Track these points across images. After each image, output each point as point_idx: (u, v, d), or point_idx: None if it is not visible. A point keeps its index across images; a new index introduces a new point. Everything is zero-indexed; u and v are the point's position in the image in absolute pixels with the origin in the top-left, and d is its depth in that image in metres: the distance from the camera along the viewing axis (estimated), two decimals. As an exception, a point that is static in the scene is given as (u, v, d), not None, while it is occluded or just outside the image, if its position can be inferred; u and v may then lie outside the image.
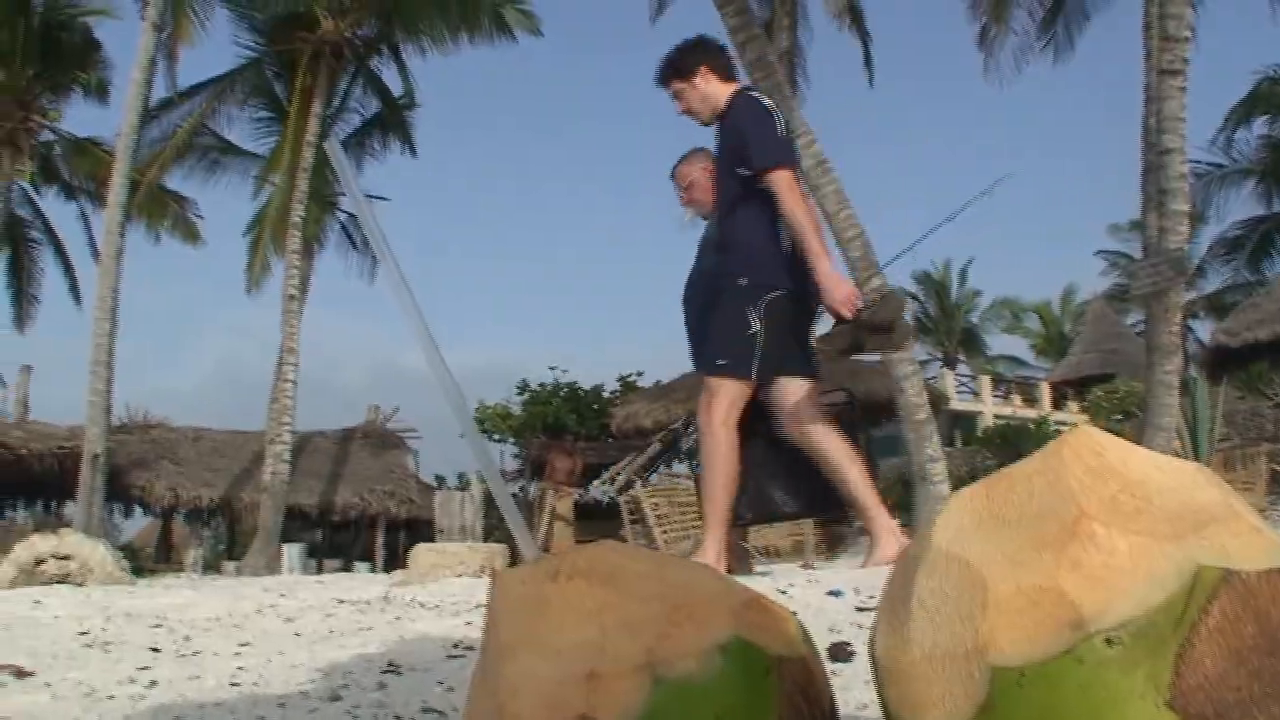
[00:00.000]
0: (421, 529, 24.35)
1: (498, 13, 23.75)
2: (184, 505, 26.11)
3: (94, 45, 25.61)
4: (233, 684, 2.48)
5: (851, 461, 4.54)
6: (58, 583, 11.81)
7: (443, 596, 5.44)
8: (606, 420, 26.90)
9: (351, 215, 29.64)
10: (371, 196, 29.49)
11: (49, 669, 2.91)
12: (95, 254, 24.29)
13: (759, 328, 4.54)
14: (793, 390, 4.66)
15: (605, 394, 28.90)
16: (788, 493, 4.97)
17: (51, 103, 25.44)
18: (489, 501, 21.01)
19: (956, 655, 0.70)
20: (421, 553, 12.04)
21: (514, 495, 28.66)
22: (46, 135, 25.91)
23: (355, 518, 27.75)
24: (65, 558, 12.39)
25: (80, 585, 11.15)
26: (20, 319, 28.39)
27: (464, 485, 28.18)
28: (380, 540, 26.82)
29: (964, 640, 0.70)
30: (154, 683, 2.58)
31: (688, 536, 13.42)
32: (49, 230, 28.59)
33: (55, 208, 28.38)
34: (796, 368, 4.73)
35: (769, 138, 4.68)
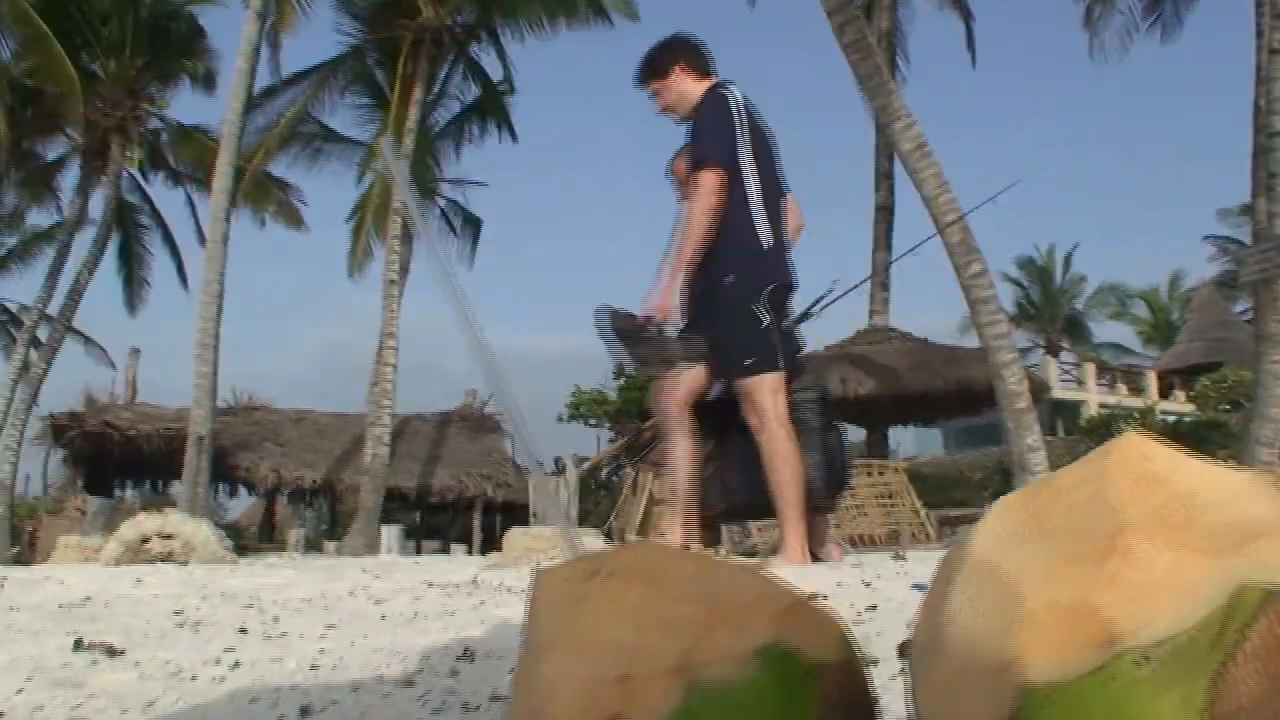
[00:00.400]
0: (518, 512, 24.63)
1: (594, -3, 23.83)
2: (287, 486, 26.69)
3: (200, 34, 26.22)
4: (313, 667, 2.52)
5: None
6: (162, 561, 12.16)
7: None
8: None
9: (453, 201, 30.00)
10: (469, 181, 29.83)
11: (139, 647, 2.99)
12: (202, 239, 24.92)
13: (769, 319, 4.60)
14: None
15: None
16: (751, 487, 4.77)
17: (159, 91, 26.13)
18: (584, 487, 21.14)
19: (987, 669, 0.68)
20: (515, 536, 12.13)
21: (613, 478, 28.78)
22: (154, 123, 26.65)
23: (453, 500, 28.10)
24: (169, 536, 12.75)
25: (184, 564, 11.45)
26: (131, 302, 29.27)
27: (560, 470, 28.39)
28: (477, 523, 27.13)
29: (995, 654, 0.68)
30: (237, 664, 2.64)
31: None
32: (157, 216, 29.42)
33: (162, 194, 29.18)
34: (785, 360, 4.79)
35: (708, 133, 4.74)
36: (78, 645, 2.94)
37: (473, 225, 30.23)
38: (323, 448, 27.46)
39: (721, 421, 4.84)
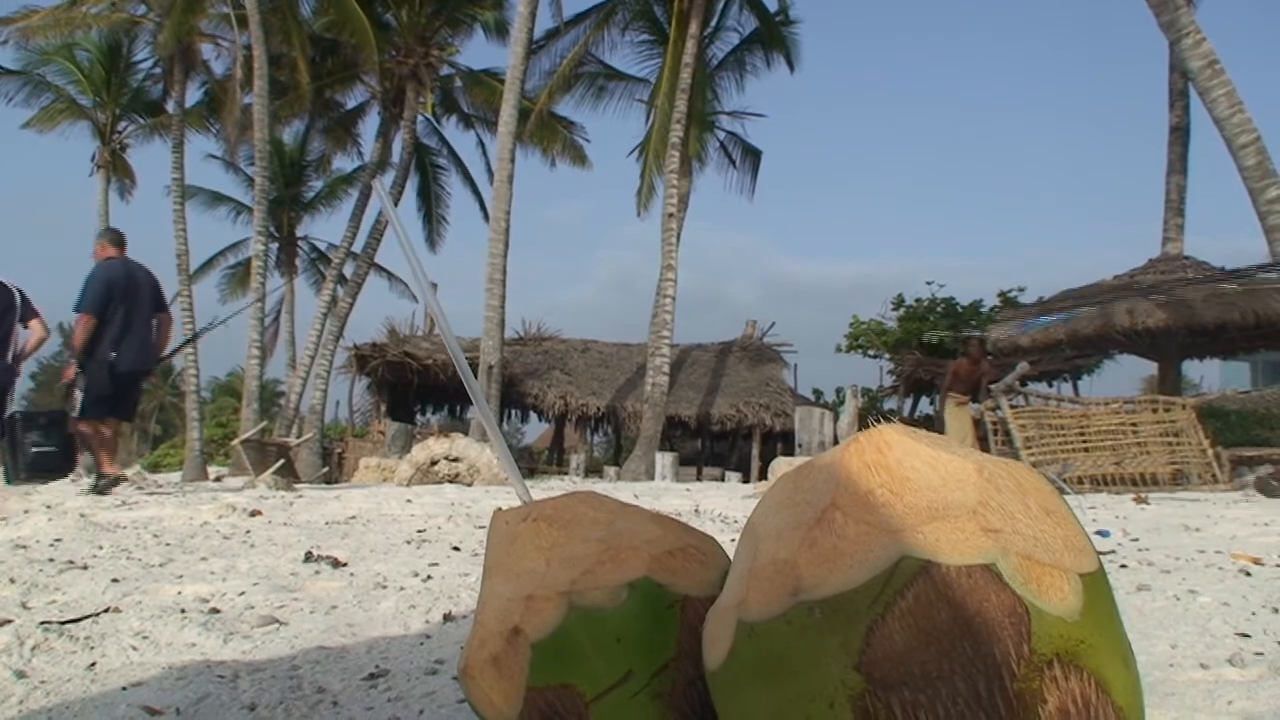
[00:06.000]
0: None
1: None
2: (573, 413, 27.79)
3: (488, -20, 27.22)
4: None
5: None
6: (449, 481, 13.01)
7: (763, 512, 5.68)
8: (984, 337, 26.14)
9: (732, 133, 30.17)
10: (748, 114, 29.86)
11: (362, 561, 3.39)
12: (493, 179, 26.13)
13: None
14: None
15: (983, 310, 28.05)
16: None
17: (450, 38, 27.34)
18: (861, 419, 21.05)
19: (730, 608, 0.85)
20: (780, 466, 12.37)
21: (892, 411, 28.57)
22: (447, 69, 27.97)
23: (732, 429, 28.54)
24: (456, 460, 13.62)
25: (468, 485, 12.23)
26: (431, 239, 31.01)
27: (839, 400, 28.36)
28: (755, 450, 27.49)
29: (734, 596, 0.85)
30: (429, 577, 2.98)
31: (1056, 460, 13.04)
32: (454, 157, 30.95)
33: (455, 136, 30.66)
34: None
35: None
36: (308, 557, 3.36)
37: (752, 156, 30.30)
38: (607, 376, 28.44)
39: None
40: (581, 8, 25.75)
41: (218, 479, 17.94)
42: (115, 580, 2.91)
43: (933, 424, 19.14)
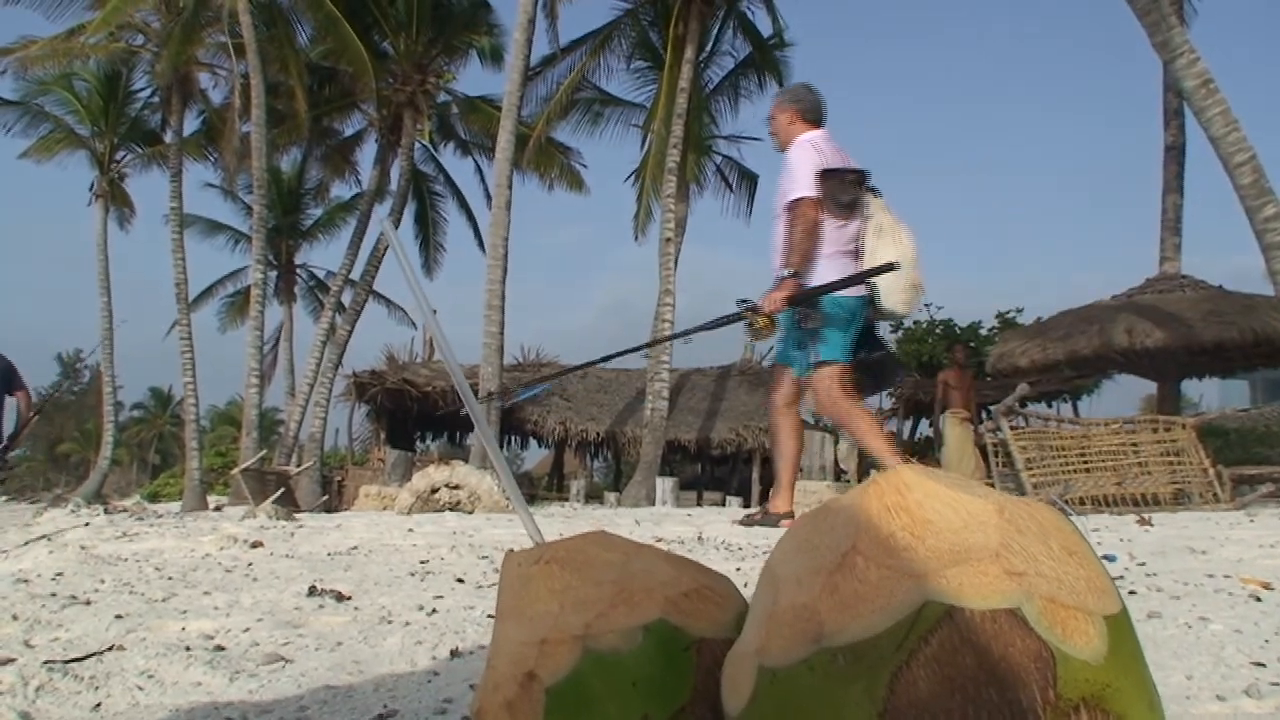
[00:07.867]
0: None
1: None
2: (573, 439, 27.75)
3: (483, 8, 27.39)
4: (490, 616, 2.80)
5: None
6: (450, 509, 12.96)
7: (767, 537, 5.66)
8: (983, 359, 26.15)
9: (728, 158, 30.25)
10: (743, 137, 29.93)
11: (366, 594, 3.36)
12: (490, 205, 26.14)
13: None
14: None
15: (982, 331, 28.05)
16: None
17: (446, 65, 27.48)
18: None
19: (749, 653, 0.84)
20: (781, 491, 12.28)
21: (891, 434, 28.58)
22: (444, 96, 28.12)
23: (732, 452, 28.49)
24: (456, 487, 13.57)
25: (469, 513, 12.18)
26: (428, 266, 31.05)
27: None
28: (755, 475, 27.44)
29: (753, 641, 0.84)
30: (435, 611, 2.96)
31: (1057, 482, 12.99)
32: (451, 183, 31.07)
33: (453, 163, 30.81)
34: None
35: None
36: (311, 591, 3.34)
37: (749, 180, 30.38)
38: (606, 402, 28.41)
39: None
40: (577, 34, 25.85)
41: (217, 508, 17.92)
42: (119, 616, 2.90)
43: (932, 446, 19.11)
